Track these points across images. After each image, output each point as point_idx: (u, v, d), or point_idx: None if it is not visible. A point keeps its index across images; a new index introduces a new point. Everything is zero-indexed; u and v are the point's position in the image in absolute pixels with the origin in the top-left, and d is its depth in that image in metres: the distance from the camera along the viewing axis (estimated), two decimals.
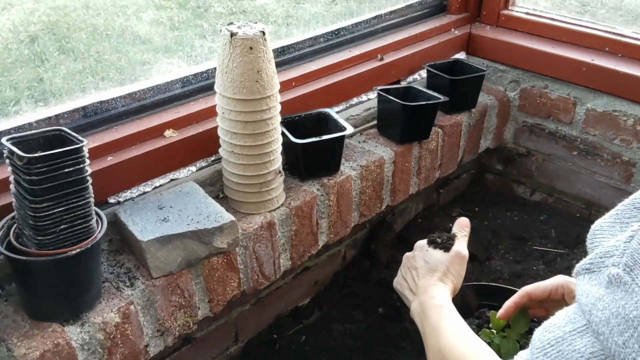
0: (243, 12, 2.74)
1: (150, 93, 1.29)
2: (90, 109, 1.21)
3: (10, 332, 0.95)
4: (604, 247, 0.57)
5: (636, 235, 0.54)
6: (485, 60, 1.86)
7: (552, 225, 1.79)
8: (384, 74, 1.66)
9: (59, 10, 2.35)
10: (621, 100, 1.64)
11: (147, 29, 2.43)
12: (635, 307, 0.50)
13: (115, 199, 1.19)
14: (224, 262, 1.17)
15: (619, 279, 0.53)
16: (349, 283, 1.62)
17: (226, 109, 1.14)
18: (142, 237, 1.05)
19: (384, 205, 1.53)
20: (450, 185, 1.93)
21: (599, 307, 0.53)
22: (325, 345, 1.43)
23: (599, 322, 0.53)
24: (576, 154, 1.78)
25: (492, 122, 1.82)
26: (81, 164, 0.90)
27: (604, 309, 0.52)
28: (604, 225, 0.61)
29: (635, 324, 0.49)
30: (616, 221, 0.60)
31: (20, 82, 1.88)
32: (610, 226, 0.60)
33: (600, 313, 0.53)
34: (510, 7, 1.88)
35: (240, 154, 1.18)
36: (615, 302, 0.52)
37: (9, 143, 0.89)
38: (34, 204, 0.88)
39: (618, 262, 0.54)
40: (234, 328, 1.42)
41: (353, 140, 1.51)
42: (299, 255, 1.35)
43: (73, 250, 0.92)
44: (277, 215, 1.25)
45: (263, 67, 1.11)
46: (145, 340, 1.08)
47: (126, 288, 1.05)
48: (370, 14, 1.74)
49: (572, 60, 1.69)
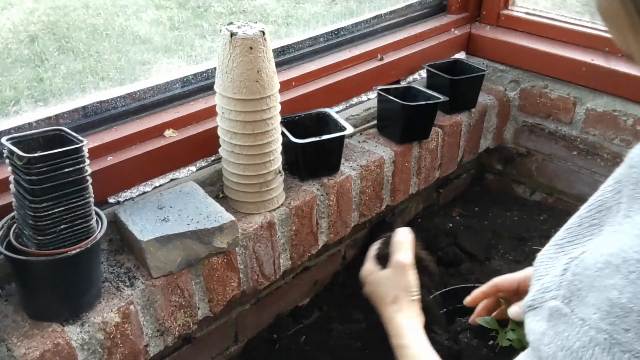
0: (243, 12, 2.74)
1: (150, 93, 1.29)
2: (90, 109, 1.21)
3: (10, 332, 0.95)
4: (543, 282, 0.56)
5: (570, 267, 0.53)
6: (485, 60, 1.86)
7: (552, 225, 1.79)
8: (384, 73, 1.66)
9: (59, 10, 2.36)
10: (621, 100, 1.64)
11: (147, 28, 2.43)
12: (578, 337, 0.49)
13: (115, 198, 1.19)
14: (224, 262, 1.17)
15: (558, 312, 0.52)
16: (349, 283, 1.62)
17: (226, 108, 1.14)
18: (142, 237, 1.05)
19: (384, 205, 1.53)
20: (450, 185, 1.93)
21: (545, 342, 0.52)
22: (325, 345, 1.43)
23: (547, 357, 0.52)
24: (576, 153, 1.78)
25: (492, 122, 1.82)
26: (81, 164, 0.90)
27: (549, 343, 0.52)
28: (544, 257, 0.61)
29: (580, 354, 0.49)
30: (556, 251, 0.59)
31: (20, 82, 1.88)
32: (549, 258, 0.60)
33: (547, 348, 0.52)
34: (510, 7, 1.88)
35: (240, 154, 1.18)
36: (559, 335, 0.51)
37: (9, 143, 0.89)
38: (34, 203, 0.88)
39: (556, 295, 0.53)
40: (234, 328, 1.42)
41: (353, 140, 1.51)
42: (299, 255, 1.35)
43: (73, 250, 0.92)
44: (277, 215, 1.25)
45: (263, 67, 1.11)
46: (145, 340, 1.08)
47: (126, 288, 1.05)
48: (370, 14, 1.74)
49: (572, 60, 1.69)
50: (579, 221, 0.60)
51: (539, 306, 0.55)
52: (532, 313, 0.56)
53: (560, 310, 0.52)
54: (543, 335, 0.53)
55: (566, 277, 0.53)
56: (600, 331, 0.47)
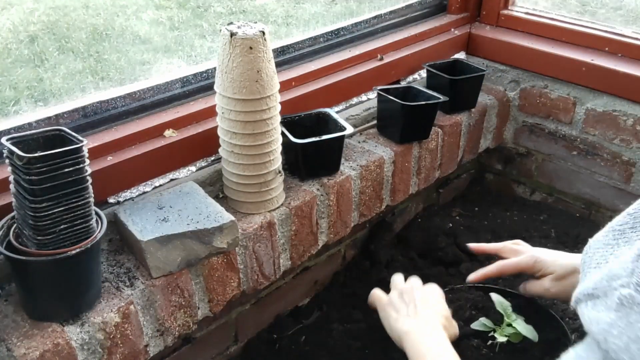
0: (243, 12, 2.74)
1: (150, 93, 1.29)
2: (90, 109, 1.21)
3: (10, 332, 0.95)
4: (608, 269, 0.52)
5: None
6: (485, 60, 1.86)
7: (552, 225, 1.79)
8: (384, 73, 1.66)
9: (59, 10, 2.36)
10: (621, 100, 1.64)
11: (147, 28, 2.43)
12: None
13: (115, 198, 1.19)
14: (224, 262, 1.17)
15: (631, 300, 0.49)
16: (349, 283, 1.62)
17: (226, 108, 1.14)
18: (142, 237, 1.05)
19: (384, 205, 1.54)
20: (450, 185, 1.93)
21: (614, 334, 0.49)
22: (325, 345, 1.43)
23: (618, 350, 0.48)
24: (576, 153, 1.78)
25: (492, 122, 1.82)
26: (81, 164, 0.90)
27: (620, 334, 0.48)
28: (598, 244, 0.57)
29: None
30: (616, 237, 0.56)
31: (20, 82, 1.88)
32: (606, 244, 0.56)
33: (618, 340, 0.48)
34: (510, 7, 1.88)
35: (240, 154, 1.18)
36: (631, 326, 0.48)
37: (9, 143, 0.89)
38: (33, 203, 0.88)
39: (627, 282, 0.49)
40: (234, 328, 1.42)
41: (353, 140, 1.51)
42: (298, 255, 1.35)
43: (73, 250, 0.92)
44: (277, 215, 1.25)
45: (263, 67, 1.11)
46: (145, 340, 1.08)
47: (126, 288, 1.05)
48: (370, 14, 1.74)
49: (572, 60, 1.69)
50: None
51: (603, 295, 0.51)
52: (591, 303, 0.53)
53: (634, 299, 0.49)
54: (611, 326, 0.49)
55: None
56: None
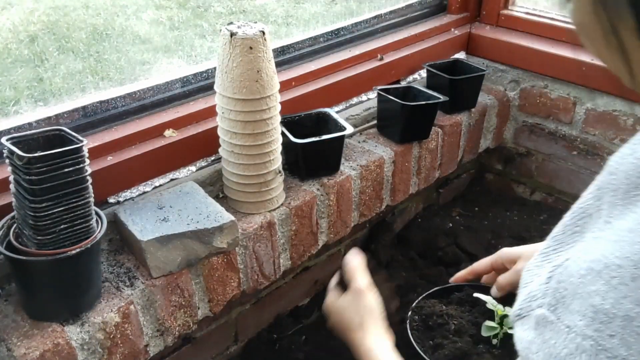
0: (243, 12, 2.74)
1: (150, 93, 1.29)
2: (90, 109, 1.21)
3: (10, 332, 0.95)
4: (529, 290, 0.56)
5: (554, 275, 0.53)
6: (485, 60, 1.86)
7: (552, 225, 1.76)
8: (384, 73, 1.66)
9: (59, 10, 2.36)
10: (621, 100, 1.64)
11: (147, 28, 2.43)
12: (565, 345, 0.49)
13: (115, 198, 1.19)
14: (224, 262, 1.17)
15: (545, 319, 0.52)
16: None
17: (226, 108, 1.14)
18: (142, 237, 1.05)
19: (384, 205, 1.54)
20: (450, 185, 1.93)
21: (533, 351, 0.52)
22: (325, 345, 1.43)
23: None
24: (576, 153, 1.78)
25: (492, 122, 1.82)
26: (81, 164, 0.90)
27: (537, 351, 0.51)
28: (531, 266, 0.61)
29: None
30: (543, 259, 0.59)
31: (20, 81, 1.88)
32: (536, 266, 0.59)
33: (535, 356, 0.52)
34: (510, 7, 1.88)
35: (240, 154, 1.18)
36: (546, 343, 0.51)
37: (9, 143, 0.89)
38: (33, 203, 0.88)
39: (542, 302, 0.53)
40: (234, 328, 1.42)
41: (353, 140, 1.51)
42: (298, 255, 1.35)
43: (73, 250, 0.92)
44: (277, 215, 1.25)
45: (263, 67, 1.11)
46: (145, 340, 1.08)
47: (126, 288, 1.05)
48: (370, 14, 1.74)
49: (572, 60, 1.68)
50: (562, 229, 0.60)
51: (527, 315, 0.55)
52: (520, 322, 0.56)
53: (546, 318, 0.52)
54: (531, 343, 0.53)
55: (551, 284, 0.53)
56: (586, 338, 0.47)
